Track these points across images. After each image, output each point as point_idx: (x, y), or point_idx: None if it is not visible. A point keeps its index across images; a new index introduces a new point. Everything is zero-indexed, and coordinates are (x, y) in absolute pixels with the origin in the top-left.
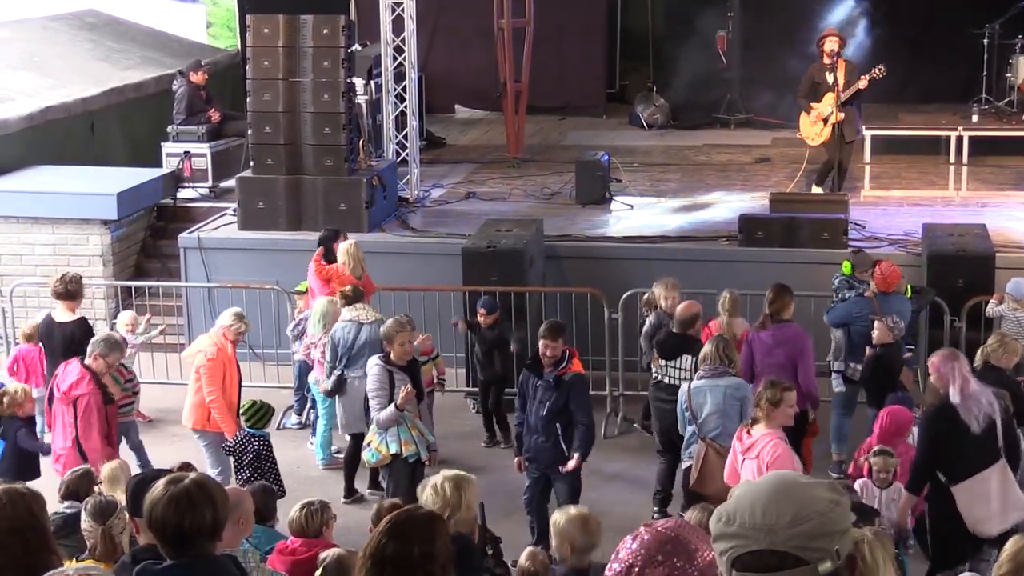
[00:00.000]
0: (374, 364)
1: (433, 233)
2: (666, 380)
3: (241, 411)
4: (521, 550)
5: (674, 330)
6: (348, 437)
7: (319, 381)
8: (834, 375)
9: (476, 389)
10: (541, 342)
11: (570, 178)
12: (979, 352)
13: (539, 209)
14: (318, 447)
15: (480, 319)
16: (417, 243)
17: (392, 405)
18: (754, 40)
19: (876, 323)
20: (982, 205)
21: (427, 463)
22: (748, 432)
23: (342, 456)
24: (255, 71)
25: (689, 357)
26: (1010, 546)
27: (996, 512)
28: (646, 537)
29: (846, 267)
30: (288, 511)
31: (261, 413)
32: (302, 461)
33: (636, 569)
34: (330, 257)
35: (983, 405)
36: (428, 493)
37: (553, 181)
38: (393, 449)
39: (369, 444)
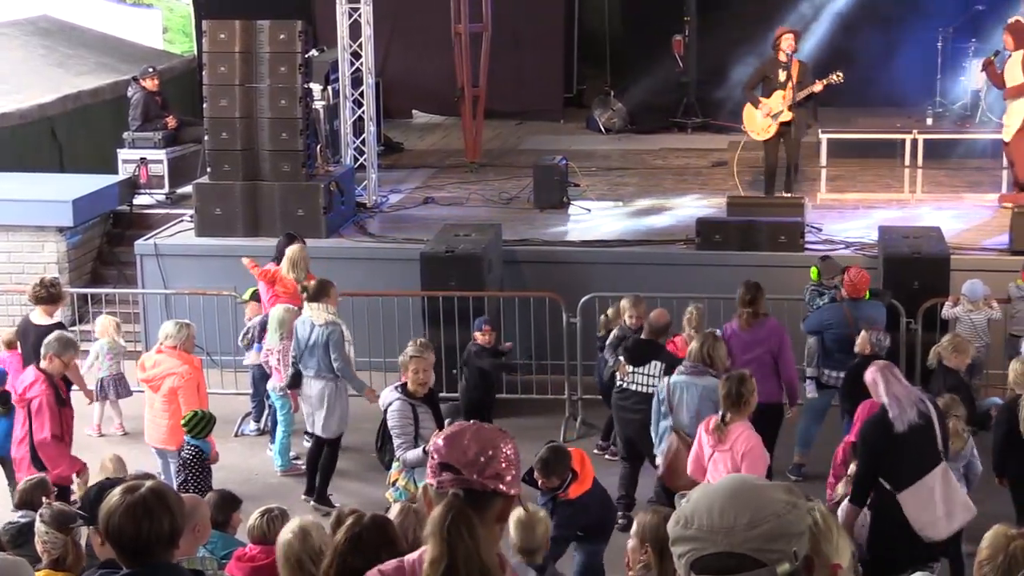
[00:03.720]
0: (394, 398)
1: (391, 238)
2: (633, 387)
3: (183, 421)
4: None
5: (643, 336)
6: (306, 442)
7: (277, 388)
8: (808, 381)
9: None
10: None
11: (528, 183)
12: (932, 351)
13: (497, 214)
14: (277, 453)
15: (478, 336)
16: (375, 248)
17: (420, 450)
18: (711, 44)
19: (862, 333)
20: (937, 207)
21: None
22: (718, 426)
23: (300, 463)
24: (211, 77)
25: (657, 363)
26: (989, 535)
27: (942, 515)
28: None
29: (813, 273)
30: (247, 518)
31: (204, 422)
32: (260, 467)
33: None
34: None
35: (914, 407)
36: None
37: (511, 186)
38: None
39: (395, 482)
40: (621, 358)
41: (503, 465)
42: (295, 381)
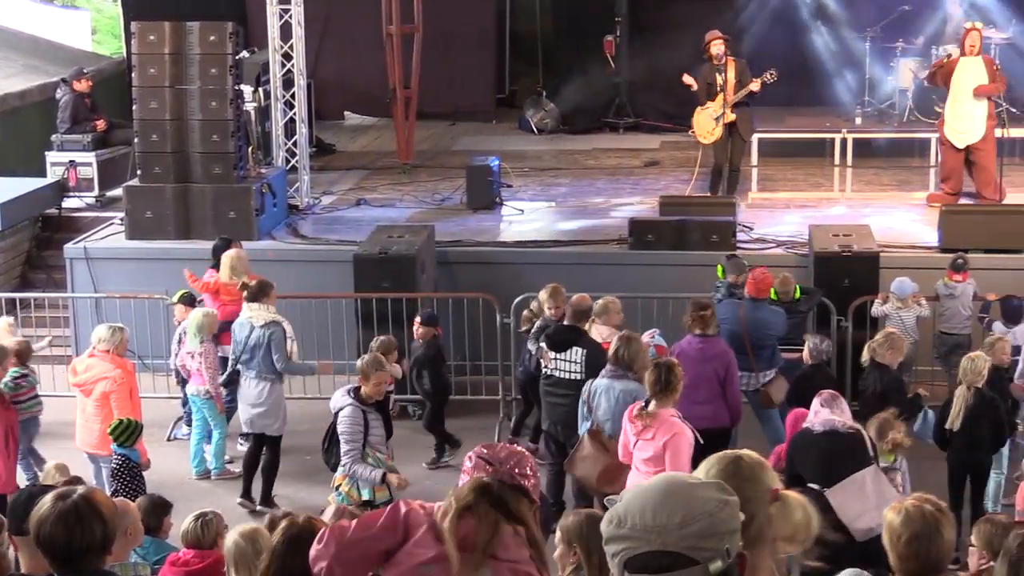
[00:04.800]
0: (346, 404)
1: (324, 240)
2: (557, 373)
3: (109, 430)
4: None
5: (565, 322)
6: (241, 447)
7: (202, 392)
8: None
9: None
10: None
11: (461, 183)
12: (866, 348)
13: (430, 215)
14: (212, 456)
15: (415, 330)
16: (308, 250)
17: (379, 473)
18: (642, 44)
19: (806, 342)
20: (866, 206)
21: (401, 487)
22: (642, 413)
23: (233, 466)
24: (141, 79)
25: (579, 349)
26: (976, 531)
27: (872, 507)
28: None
29: (719, 271)
30: (180, 522)
31: (130, 431)
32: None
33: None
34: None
35: (840, 422)
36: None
37: (444, 187)
38: (366, 496)
39: (339, 487)
40: (543, 345)
41: (528, 470)
42: (230, 381)
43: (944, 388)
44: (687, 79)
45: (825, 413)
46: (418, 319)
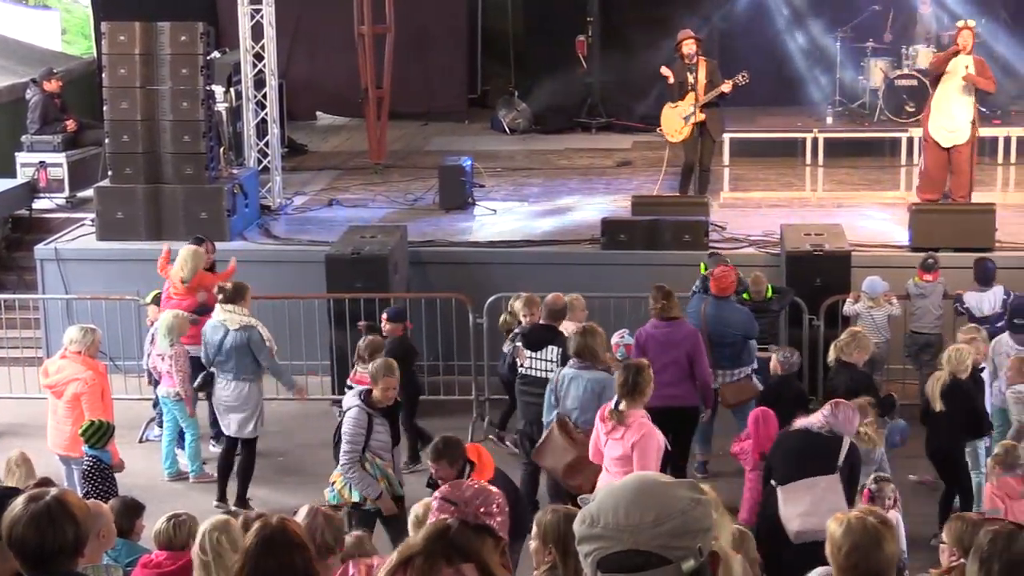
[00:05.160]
0: (353, 405)
1: (296, 241)
2: (532, 372)
3: (80, 432)
4: None
5: (541, 321)
6: (213, 448)
7: (171, 394)
8: None
9: (343, 396)
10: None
11: (433, 184)
12: (832, 347)
13: (403, 215)
14: (188, 459)
15: (383, 326)
16: (280, 251)
17: (376, 492)
18: (614, 44)
19: (772, 356)
20: (838, 205)
21: (387, 513)
22: (613, 414)
23: (208, 468)
24: (112, 79)
25: (554, 348)
26: (947, 529)
27: (806, 512)
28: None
29: (702, 267)
30: (152, 524)
31: (101, 432)
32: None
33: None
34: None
35: (827, 427)
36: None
37: (416, 187)
38: (355, 498)
39: (333, 484)
40: (518, 344)
41: (494, 508)
42: (205, 385)
43: (915, 387)
44: (664, 71)
45: (818, 416)
46: (385, 315)
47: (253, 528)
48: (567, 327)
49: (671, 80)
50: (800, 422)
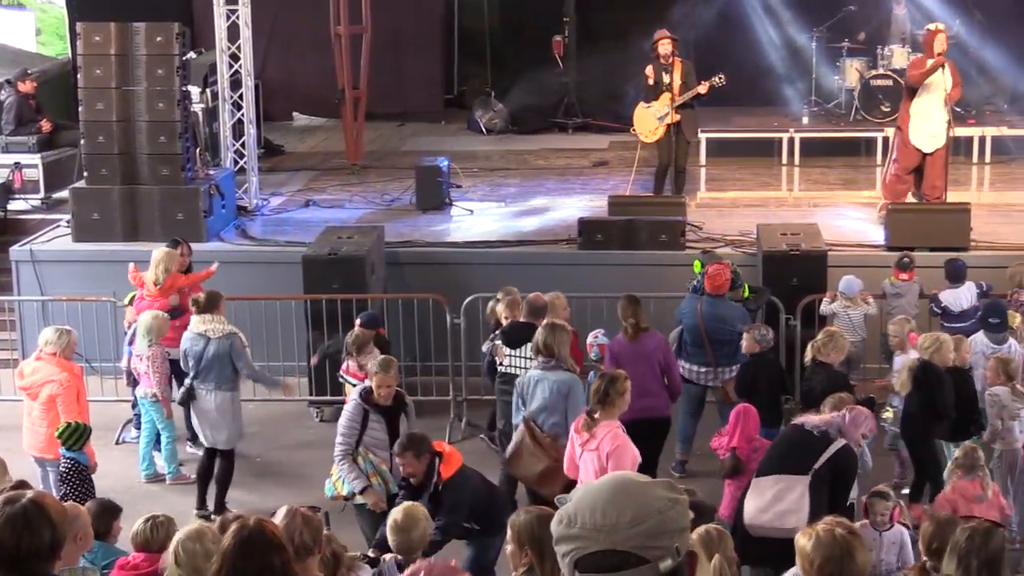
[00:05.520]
0: (353, 398)
1: (273, 241)
2: (511, 370)
3: (56, 433)
4: None
5: (522, 319)
6: (190, 449)
7: (148, 395)
8: None
9: (320, 397)
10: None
11: (410, 184)
12: (809, 347)
13: (380, 216)
14: (165, 462)
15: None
16: (257, 252)
17: (359, 485)
18: (590, 44)
19: (744, 333)
20: (814, 205)
21: (374, 508)
22: (587, 424)
23: (185, 471)
24: (87, 80)
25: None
26: (921, 531)
27: (760, 507)
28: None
29: (696, 266)
30: (130, 526)
31: (78, 434)
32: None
33: None
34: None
35: (828, 426)
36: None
37: (393, 187)
38: (346, 491)
39: (331, 475)
40: (498, 342)
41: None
42: (187, 398)
43: (891, 386)
44: (649, 71)
45: (823, 415)
46: (358, 322)
47: (231, 529)
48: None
49: (651, 81)
50: (801, 418)
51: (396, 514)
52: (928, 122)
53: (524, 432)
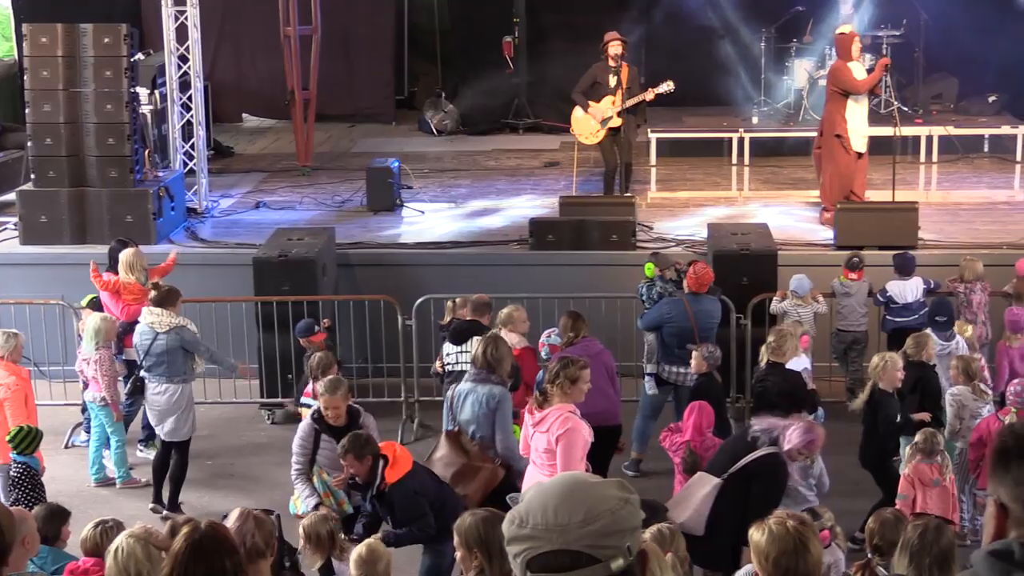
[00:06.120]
0: (306, 418)
1: (223, 243)
2: (458, 368)
3: (8, 438)
4: None
5: (468, 316)
6: (140, 453)
7: (97, 399)
8: (647, 378)
9: (271, 400)
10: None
11: (361, 185)
12: (763, 350)
13: (330, 217)
14: (115, 465)
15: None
16: (207, 254)
17: (311, 504)
18: (540, 45)
19: (694, 353)
20: (764, 204)
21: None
22: (537, 402)
23: (136, 474)
24: (33, 81)
25: (478, 340)
26: (867, 528)
27: (678, 505)
28: None
29: (648, 269)
30: (79, 531)
31: (30, 438)
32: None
33: None
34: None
35: (767, 434)
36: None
37: (344, 189)
38: (302, 510)
39: (294, 494)
40: (447, 338)
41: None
42: (136, 389)
43: (842, 384)
44: (595, 72)
45: (774, 420)
46: (296, 333)
47: (182, 532)
48: (511, 338)
49: (596, 80)
50: (755, 420)
51: (360, 548)
52: (862, 123)
53: (444, 437)
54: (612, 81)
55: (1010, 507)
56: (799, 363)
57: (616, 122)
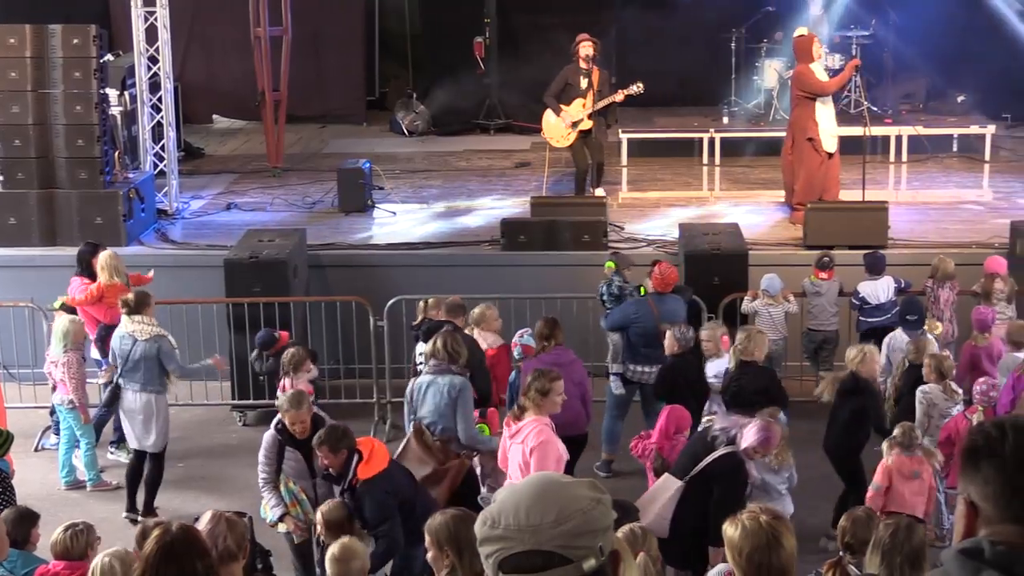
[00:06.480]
0: (270, 429)
1: (194, 245)
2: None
3: None
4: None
5: (440, 317)
6: (111, 455)
7: (65, 401)
8: (612, 378)
9: (243, 401)
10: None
11: (332, 186)
12: (731, 352)
13: (302, 218)
14: (85, 468)
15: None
16: (178, 256)
17: (277, 514)
18: (511, 46)
19: (667, 333)
20: (735, 204)
21: (294, 534)
22: (514, 414)
23: (106, 477)
24: (1, 82)
25: None
26: (839, 527)
27: (642, 504)
28: None
29: (609, 265)
30: (49, 534)
31: (1, 441)
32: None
33: None
34: (91, 273)
35: (724, 434)
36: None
37: (315, 190)
38: (270, 519)
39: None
40: (419, 338)
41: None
42: (113, 399)
43: (812, 384)
44: (567, 74)
45: (734, 419)
46: (256, 343)
47: (153, 535)
48: (487, 337)
49: (568, 82)
50: (715, 419)
51: (334, 547)
52: (831, 124)
53: (411, 435)
54: (583, 83)
55: (980, 506)
56: (719, 364)
57: (587, 124)
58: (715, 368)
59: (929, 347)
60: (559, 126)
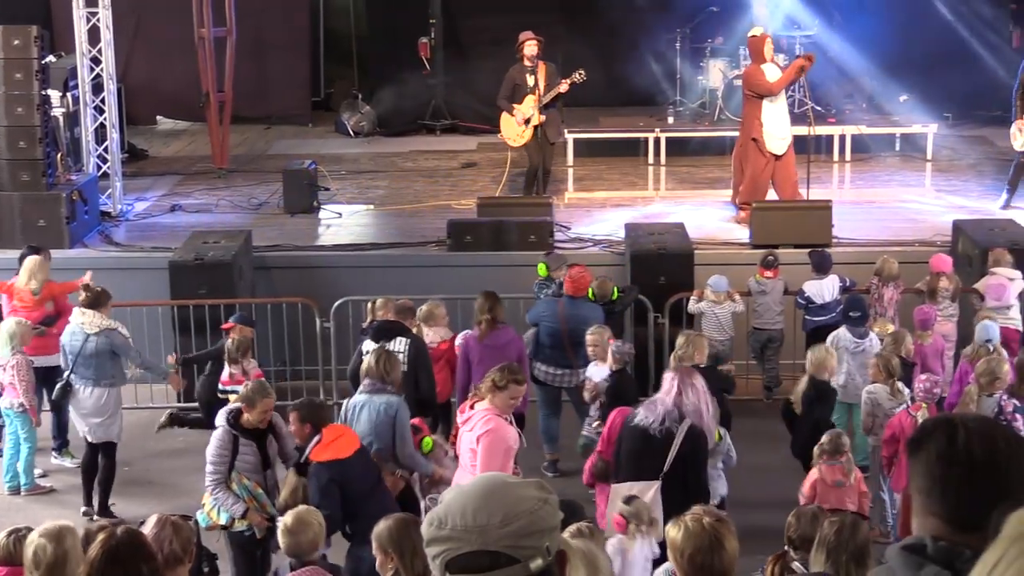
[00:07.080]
0: (220, 424)
1: (138, 247)
2: None
3: None
4: None
5: (390, 317)
6: (55, 460)
7: (15, 405)
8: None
9: (191, 404)
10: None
11: (277, 188)
12: (672, 358)
13: (247, 220)
14: (22, 472)
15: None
16: (122, 258)
17: (240, 510)
18: (457, 46)
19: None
20: (680, 204)
21: (258, 528)
22: (470, 406)
23: (45, 481)
24: None
25: (403, 339)
26: (827, 526)
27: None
28: None
29: (541, 269)
30: None
31: None
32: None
33: None
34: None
35: (663, 419)
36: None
37: (260, 191)
38: (223, 520)
39: (203, 506)
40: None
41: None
42: (63, 396)
43: (759, 383)
44: (514, 74)
45: (661, 405)
46: (232, 321)
47: (98, 539)
48: (440, 332)
49: (516, 82)
50: (637, 417)
51: (287, 518)
52: (780, 126)
53: None
54: (530, 81)
55: (913, 497)
56: (600, 371)
57: (538, 119)
58: (599, 374)
59: (908, 341)
60: (512, 125)
